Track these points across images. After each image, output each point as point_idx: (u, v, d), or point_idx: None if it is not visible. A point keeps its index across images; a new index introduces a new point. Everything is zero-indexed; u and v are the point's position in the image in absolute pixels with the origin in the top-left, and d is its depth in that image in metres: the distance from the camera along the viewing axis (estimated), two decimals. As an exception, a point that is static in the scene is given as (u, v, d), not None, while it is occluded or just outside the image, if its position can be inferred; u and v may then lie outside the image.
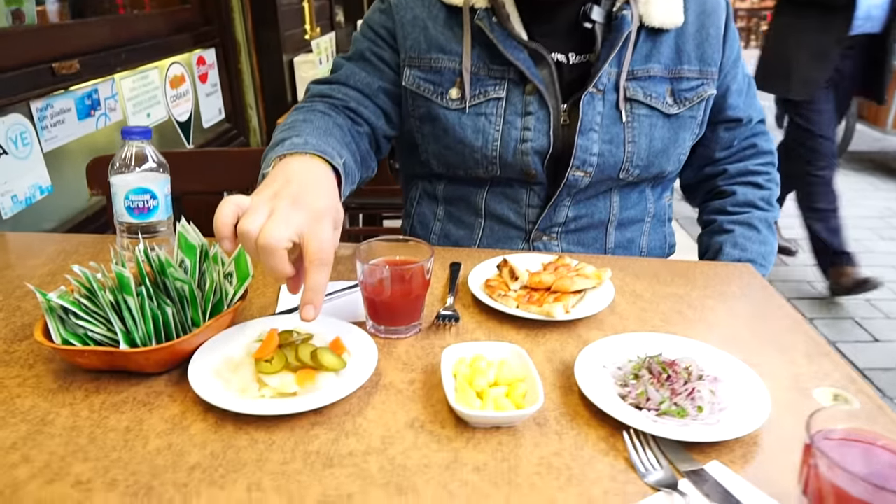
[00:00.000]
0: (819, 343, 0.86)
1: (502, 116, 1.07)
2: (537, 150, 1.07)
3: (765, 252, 1.19)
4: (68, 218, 1.60)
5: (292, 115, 1.03)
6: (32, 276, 1.01)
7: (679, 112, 1.11)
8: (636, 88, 1.08)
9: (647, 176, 1.13)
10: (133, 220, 0.87)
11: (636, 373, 0.72)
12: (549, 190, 1.11)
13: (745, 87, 1.20)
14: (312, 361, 0.69)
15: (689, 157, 1.20)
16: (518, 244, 1.14)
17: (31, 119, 1.43)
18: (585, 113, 1.06)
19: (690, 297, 0.97)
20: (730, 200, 1.22)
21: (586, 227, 1.14)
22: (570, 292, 0.88)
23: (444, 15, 1.08)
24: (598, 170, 1.08)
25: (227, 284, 0.79)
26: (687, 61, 1.10)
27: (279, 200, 0.70)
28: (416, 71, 1.10)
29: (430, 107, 1.10)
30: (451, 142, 1.09)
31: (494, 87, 1.07)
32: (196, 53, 2.19)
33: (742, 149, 1.23)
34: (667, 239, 1.25)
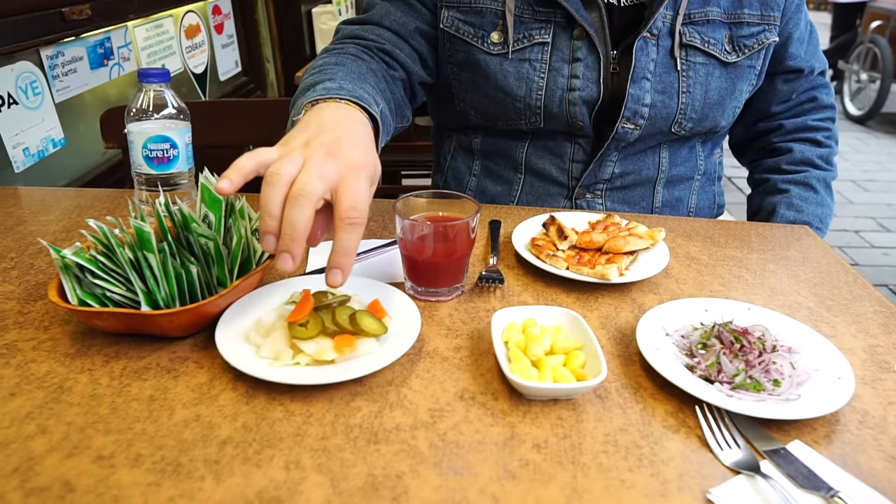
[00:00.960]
0: (894, 313, 0.79)
1: (548, 63, 0.99)
2: (585, 100, 0.99)
3: (822, 214, 1.11)
4: (82, 173, 1.54)
5: (322, 58, 0.95)
6: (45, 232, 0.95)
7: (738, 60, 1.02)
8: (693, 34, 0.99)
9: (700, 130, 1.05)
10: (152, 170, 0.81)
11: (705, 342, 0.65)
12: (594, 144, 1.04)
13: (807, 35, 1.11)
14: (352, 326, 0.63)
15: (742, 111, 1.11)
16: (560, 202, 1.07)
17: (42, 67, 1.37)
18: (638, 60, 0.97)
19: (749, 260, 0.90)
20: (785, 158, 1.14)
21: (633, 184, 1.07)
22: (624, 253, 0.81)
23: None
24: (650, 122, 1.00)
25: (255, 241, 0.73)
26: (748, 5, 1.01)
27: (312, 150, 0.62)
28: (454, 12, 1.01)
29: (469, 51, 1.02)
30: (492, 90, 1.02)
31: (540, 31, 0.99)
32: (211, 2, 2.10)
33: (800, 102, 1.14)
34: (716, 199, 1.17)
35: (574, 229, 0.86)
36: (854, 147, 4.75)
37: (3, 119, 1.26)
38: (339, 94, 0.76)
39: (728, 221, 1.05)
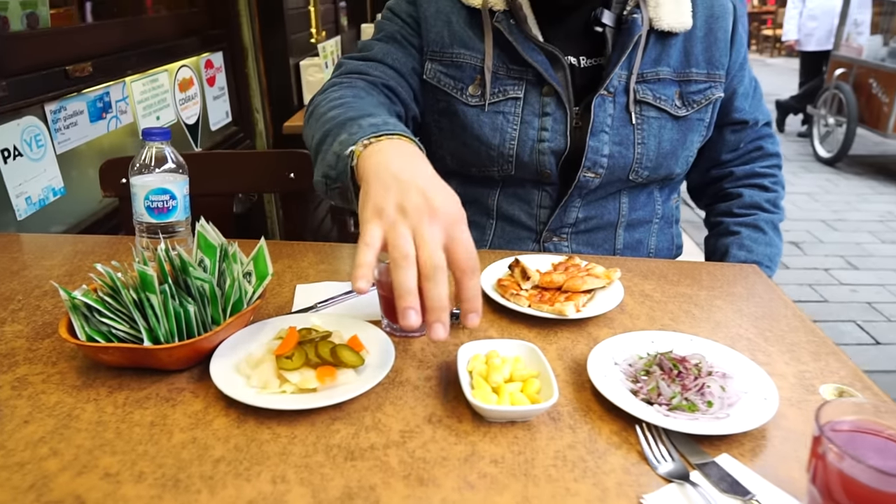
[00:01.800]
0: (825, 342, 0.88)
1: (520, 116, 1.09)
2: (554, 151, 1.09)
3: (771, 254, 1.21)
4: (80, 220, 1.62)
5: (335, 91, 1.01)
6: (50, 276, 1.02)
7: (687, 114, 1.13)
8: (646, 91, 1.10)
9: (656, 177, 1.15)
10: (153, 220, 0.89)
11: (647, 369, 0.73)
12: (560, 191, 1.13)
13: (751, 90, 1.22)
14: (332, 358, 0.70)
15: (696, 159, 1.22)
16: (529, 245, 1.16)
17: (45, 121, 1.45)
18: (597, 115, 1.08)
19: (698, 296, 0.99)
20: (736, 203, 1.24)
21: (596, 227, 1.16)
22: (581, 292, 0.89)
23: (466, 14, 1.10)
24: (609, 171, 1.10)
25: (246, 283, 0.80)
26: (695, 64, 1.12)
27: (413, 219, 0.65)
28: (437, 65, 1.11)
29: (449, 101, 1.12)
30: (469, 138, 1.11)
31: (513, 87, 1.09)
32: (204, 57, 2.21)
33: (748, 151, 1.24)
34: (674, 240, 1.26)
35: (538, 270, 0.95)
36: (824, 188, 4.92)
37: (9, 170, 1.34)
38: (388, 129, 0.80)
39: (682, 262, 1.14)
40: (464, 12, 1.10)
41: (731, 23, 1.14)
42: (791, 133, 6.46)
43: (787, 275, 3.49)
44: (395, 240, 0.64)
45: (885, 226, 4.18)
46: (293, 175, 1.33)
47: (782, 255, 1.26)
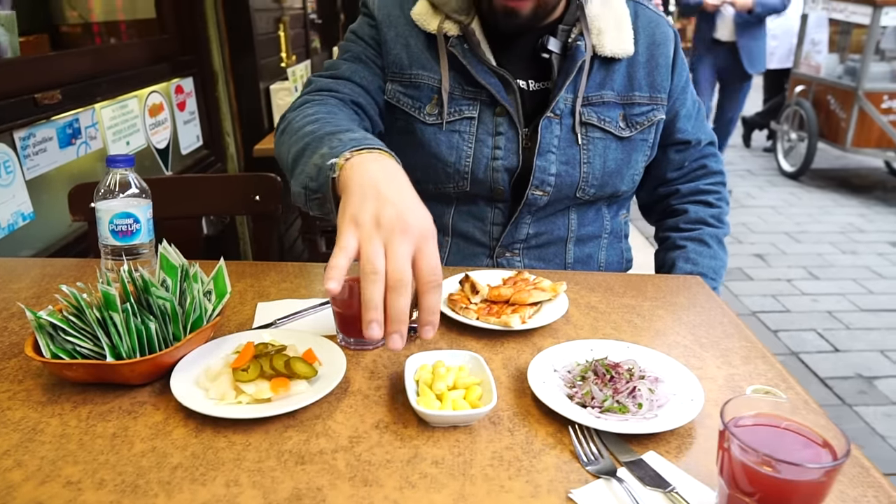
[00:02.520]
0: (756, 346, 0.94)
1: (475, 135, 1.15)
2: (507, 168, 1.15)
3: (715, 266, 1.27)
4: (49, 244, 1.64)
5: (309, 108, 1.05)
6: (18, 298, 1.05)
7: (631, 135, 1.19)
8: (591, 113, 1.16)
9: (603, 195, 1.21)
10: (117, 242, 0.93)
11: (583, 375, 0.79)
12: (511, 208, 1.19)
13: (693, 111, 1.28)
14: (286, 370, 0.75)
15: (645, 178, 1.28)
16: (483, 261, 1.21)
17: (14, 148, 1.48)
18: (543, 136, 1.14)
19: (642, 307, 1.05)
20: (682, 218, 1.30)
21: (546, 243, 1.22)
22: (528, 304, 0.95)
23: (423, 38, 1.16)
24: (556, 189, 1.16)
25: (206, 301, 0.84)
26: (638, 88, 1.19)
27: (387, 232, 0.69)
28: (397, 85, 1.17)
29: (408, 120, 1.17)
30: (426, 156, 1.16)
31: (468, 107, 1.15)
32: (174, 82, 2.25)
33: (693, 169, 1.31)
34: (623, 254, 1.32)
35: (489, 285, 1.00)
36: (788, 201, 5.06)
37: (-23, 196, 1.37)
38: (367, 143, 0.84)
39: (630, 275, 1.20)
40: (421, 36, 1.16)
41: (672, 49, 1.22)
42: (757, 148, 6.63)
43: (752, 286, 3.58)
44: (368, 253, 0.68)
45: (845, 237, 4.31)
46: (258, 198, 1.37)
47: (747, 268, 1.33)
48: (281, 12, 2.94)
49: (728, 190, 1.34)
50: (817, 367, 2.78)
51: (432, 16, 1.14)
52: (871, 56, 4.83)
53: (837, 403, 2.53)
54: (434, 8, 1.15)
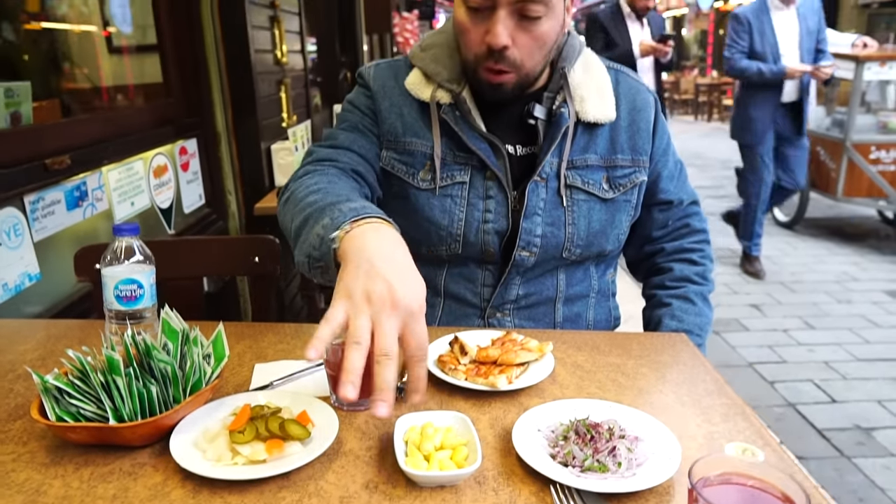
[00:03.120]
0: (736, 403, 0.97)
1: (466, 199, 1.21)
2: (497, 231, 1.20)
3: (700, 323, 1.31)
4: (53, 304, 1.68)
5: (310, 178, 1.11)
6: (24, 360, 1.09)
7: (614, 197, 1.25)
8: (575, 176, 1.22)
9: (589, 255, 1.26)
10: (121, 307, 0.97)
11: (565, 435, 0.82)
12: (501, 269, 1.23)
13: (676, 172, 1.34)
14: (280, 432, 0.78)
15: (630, 237, 1.33)
16: (474, 321, 1.25)
17: (24, 211, 1.54)
18: (530, 199, 1.19)
19: (626, 366, 1.08)
20: (668, 276, 1.35)
21: (536, 303, 1.26)
22: (514, 364, 0.98)
23: (417, 105, 1.22)
24: (542, 250, 1.21)
25: (206, 365, 0.88)
26: (620, 151, 1.25)
27: (376, 307, 0.74)
28: (392, 152, 1.23)
29: (402, 186, 1.23)
30: (420, 219, 1.22)
31: (460, 172, 1.21)
32: (179, 144, 2.33)
33: (676, 228, 1.36)
34: (611, 312, 1.36)
35: (478, 345, 1.04)
36: (783, 251, 5.12)
37: (-13, 259, 1.42)
38: (367, 213, 0.88)
39: (616, 333, 1.23)
40: (415, 105, 1.23)
41: (653, 114, 1.28)
42: (751, 198, 6.73)
43: (748, 337, 3.60)
44: (354, 327, 0.73)
45: (840, 286, 4.34)
46: (258, 259, 1.42)
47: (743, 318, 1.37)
48: (283, 74, 3.05)
49: (712, 251, 1.39)
50: (814, 419, 2.79)
51: (425, 85, 1.21)
52: (857, 109, 4.97)
53: (836, 455, 2.53)
54: (427, 78, 1.22)
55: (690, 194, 1.38)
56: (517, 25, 1.08)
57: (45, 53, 3.09)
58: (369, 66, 1.28)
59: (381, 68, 1.27)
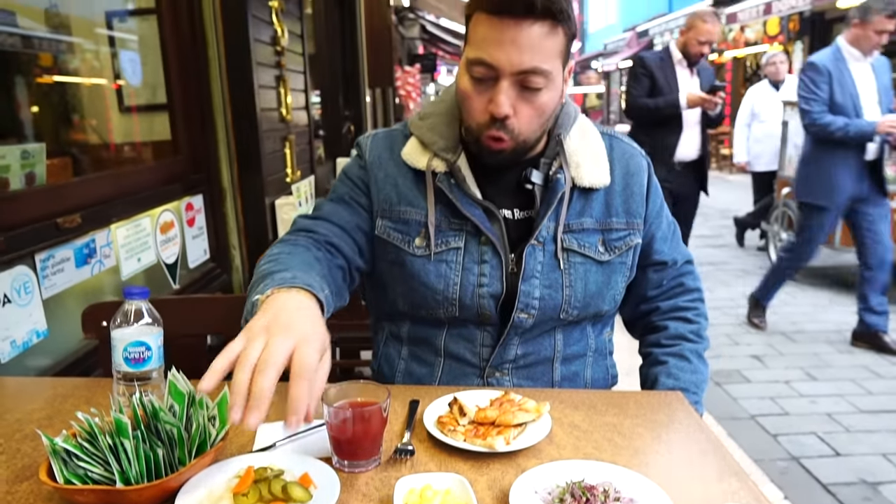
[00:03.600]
0: (730, 464, 0.99)
1: (461, 264, 1.24)
2: (492, 294, 1.23)
3: (696, 381, 1.32)
4: (59, 359, 1.71)
5: (277, 247, 1.17)
6: (31, 419, 1.11)
7: (610, 259, 1.28)
8: (571, 240, 1.26)
9: (586, 315, 1.29)
10: (130, 369, 1.00)
11: (561, 497, 0.84)
12: (499, 330, 1.26)
13: (669, 233, 1.38)
14: (283, 494, 0.80)
15: (626, 296, 1.36)
16: (473, 380, 1.28)
17: (34, 269, 1.58)
18: (527, 263, 1.23)
19: (623, 425, 1.10)
20: (663, 334, 1.37)
21: (534, 363, 1.28)
22: (512, 425, 1.00)
23: (412, 175, 1.27)
24: (541, 311, 1.24)
25: (211, 427, 0.91)
26: (615, 214, 1.29)
27: (272, 332, 0.81)
28: (387, 221, 1.27)
29: (398, 253, 1.26)
30: (417, 285, 1.25)
31: (454, 238, 1.24)
32: (185, 200, 2.39)
33: (671, 287, 1.39)
34: (609, 371, 1.38)
35: (477, 405, 1.06)
36: (783, 300, 5.13)
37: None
38: (293, 282, 0.96)
39: (613, 392, 1.25)
40: (410, 174, 1.27)
41: (646, 178, 1.32)
42: (750, 247, 6.77)
43: (749, 389, 3.59)
44: (247, 348, 0.79)
45: (841, 336, 4.34)
46: (261, 316, 1.45)
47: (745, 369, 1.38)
48: (287, 130, 3.14)
49: (705, 307, 1.42)
50: (819, 473, 2.76)
51: (421, 154, 1.26)
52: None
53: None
54: (424, 146, 1.26)
55: (684, 254, 1.41)
56: (518, 96, 1.13)
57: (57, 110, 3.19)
58: (367, 137, 1.33)
59: (377, 139, 1.32)
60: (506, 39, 1.08)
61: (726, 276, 5.84)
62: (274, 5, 2.95)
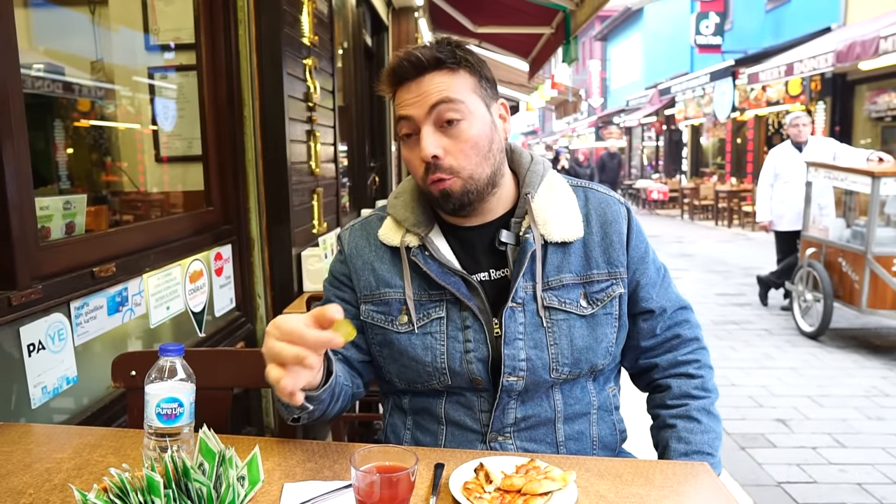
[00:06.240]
0: (761, 543, 0.97)
1: (445, 333, 1.25)
2: (479, 359, 1.23)
3: (709, 440, 1.29)
4: (87, 406, 1.73)
5: None
6: (59, 469, 1.12)
7: (594, 312, 1.27)
8: (552, 297, 1.25)
9: (580, 372, 1.27)
10: (162, 425, 1.02)
11: (589, 573, 0.82)
12: (493, 395, 1.25)
13: (658, 279, 1.35)
14: (310, 561, 0.80)
15: (624, 349, 1.35)
16: (477, 446, 1.26)
17: (69, 317, 1.62)
18: (508, 325, 1.23)
19: (649, 497, 1.08)
20: (667, 395, 1.35)
21: (536, 425, 1.27)
22: (538, 494, 1.00)
23: (389, 254, 1.31)
24: (530, 373, 1.23)
25: (240, 487, 0.92)
26: (595, 266, 1.28)
27: None
28: (370, 305, 1.31)
29: (384, 333, 1.29)
30: (406, 360, 1.27)
31: (435, 308, 1.26)
32: (215, 250, 2.44)
33: (667, 339, 1.36)
34: (616, 426, 1.35)
35: (503, 471, 1.06)
36: (808, 362, 5.04)
37: (31, 363, 1.48)
38: None
39: (639, 461, 1.24)
40: (387, 254, 1.31)
41: (626, 225, 1.31)
42: (774, 307, 6.69)
43: (776, 454, 3.50)
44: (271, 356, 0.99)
45: (870, 401, 4.24)
46: (288, 372, 1.47)
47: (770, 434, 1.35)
48: (316, 183, 3.21)
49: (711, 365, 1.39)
50: (849, 546, 2.66)
51: (395, 231, 1.30)
52: (876, 222, 5.01)
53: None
54: (397, 224, 1.31)
55: (676, 301, 1.37)
56: (442, 134, 1.20)
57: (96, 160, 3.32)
58: (346, 230, 1.40)
59: (354, 230, 1.38)
60: (411, 94, 1.20)
61: (748, 336, 5.76)
62: (308, 63, 3.06)
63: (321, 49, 3.36)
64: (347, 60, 5.15)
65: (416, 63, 1.19)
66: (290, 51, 2.83)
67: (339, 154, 3.85)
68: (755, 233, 12.59)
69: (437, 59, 1.19)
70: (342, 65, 4.92)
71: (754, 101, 14.46)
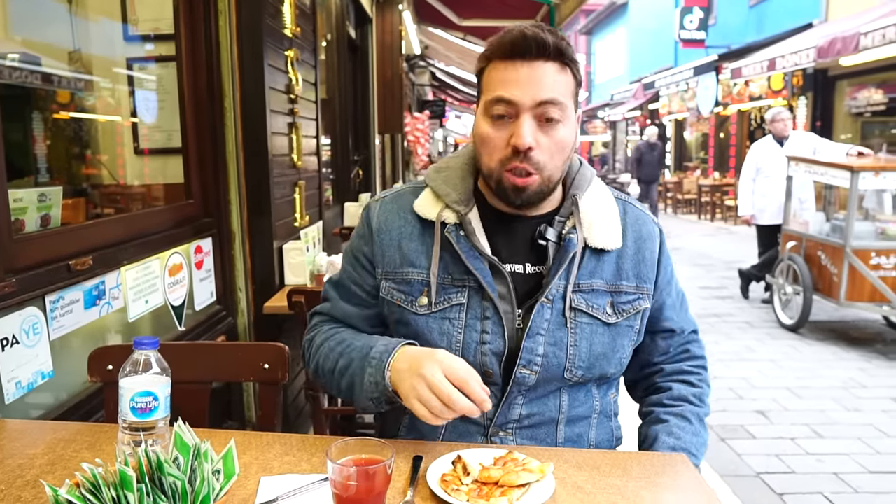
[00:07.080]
0: (735, 533, 0.98)
1: (464, 320, 1.25)
2: (494, 352, 1.23)
3: (697, 443, 1.32)
4: (63, 401, 1.70)
5: (330, 340, 1.32)
6: (32, 465, 1.11)
7: (618, 321, 1.28)
8: (580, 300, 1.26)
9: (591, 377, 1.28)
10: (136, 419, 1.01)
11: (565, 564, 0.83)
12: (503, 389, 1.26)
13: (678, 302, 1.39)
14: (285, 555, 0.80)
15: (632, 360, 1.36)
16: (477, 439, 1.27)
17: (44, 310, 1.59)
18: (535, 320, 1.23)
19: (627, 487, 1.09)
20: (666, 395, 1.37)
21: (538, 423, 1.27)
22: (516, 486, 1.00)
23: (419, 230, 1.29)
24: (543, 369, 1.23)
25: (214, 480, 0.91)
26: (625, 278, 1.29)
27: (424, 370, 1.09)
28: (391, 283, 1.29)
29: (402, 312, 1.28)
30: (421, 343, 1.25)
31: (457, 294, 1.25)
32: (195, 243, 2.42)
33: (677, 353, 1.40)
34: (613, 432, 1.37)
35: (481, 464, 1.06)
36: (787, 355, 5.10)
37: (5, 357, 1.46)
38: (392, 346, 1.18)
39: (618, 452, 1.25)
40: (417, 229, 1.29)
41: (658, 245, 1.34)
42: (755, 300, 6.75)
43: (754, 445, 3.54)
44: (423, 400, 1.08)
45: (848, 392, 4.30)
46: (267, 366, 1.46)
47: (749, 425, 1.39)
48: (298, 176, 3.18)
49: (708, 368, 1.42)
50: (826, 535, 2.70)
51: (433, 205, 1.28)
52: (855, 216, 5.07)
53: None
54: (437, 198, 1.29)
55: (691, 324, 1.43)
56: (539, 129, 1.18)
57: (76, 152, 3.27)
58: (376, 201, 1.37)
59: (385, 203, 1.35)
60: (522, 77, 1.15)
61: (730, 329, 5.81)
62: (290, 55, 3.03)
63: (303, 41, 3.32)
64: (331, 53, 5.11)
65: (541, 45, 1.14)
66: (272, 42, 2.80)
67: (322, 147, 3.82)
68: (738, 226, 12.70)
69: (558, 50, 1.16)
70: (325, 57, 4.89)
71: (737, 95, 14.55)
